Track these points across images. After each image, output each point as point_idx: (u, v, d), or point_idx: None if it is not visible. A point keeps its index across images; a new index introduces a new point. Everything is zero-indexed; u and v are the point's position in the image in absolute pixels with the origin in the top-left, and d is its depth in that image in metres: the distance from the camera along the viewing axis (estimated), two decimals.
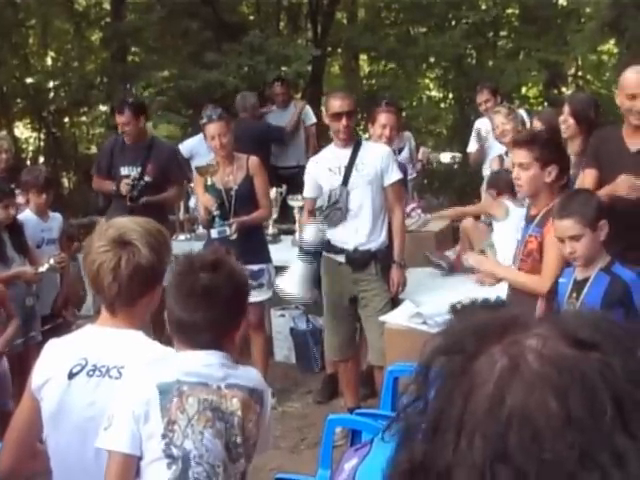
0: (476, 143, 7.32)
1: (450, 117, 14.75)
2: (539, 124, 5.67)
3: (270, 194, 6.11)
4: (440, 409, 0.81)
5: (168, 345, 2.37)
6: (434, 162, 8.30)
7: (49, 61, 14.12)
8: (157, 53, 12.90)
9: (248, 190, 5.49)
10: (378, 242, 5.04)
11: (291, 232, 6.95)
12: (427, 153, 8.14)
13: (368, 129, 6.34)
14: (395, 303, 5.05)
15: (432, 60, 13.91)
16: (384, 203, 5.05)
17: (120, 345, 2.35)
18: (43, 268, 5.12)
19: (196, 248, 3.04)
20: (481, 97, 7.63)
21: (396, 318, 4.81)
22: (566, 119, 5.10)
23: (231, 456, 2.23)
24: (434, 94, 15.46)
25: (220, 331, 2.27)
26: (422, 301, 4.97)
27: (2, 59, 12.24)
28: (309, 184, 5.20)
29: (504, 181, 5.35)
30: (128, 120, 6.23)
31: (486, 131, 7.09)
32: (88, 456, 2.24)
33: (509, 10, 14.14)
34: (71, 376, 2.33)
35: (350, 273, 5.05)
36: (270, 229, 6.77)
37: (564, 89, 14.28)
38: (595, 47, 12.96)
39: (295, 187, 6.65)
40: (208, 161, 5.63)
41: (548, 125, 5.37)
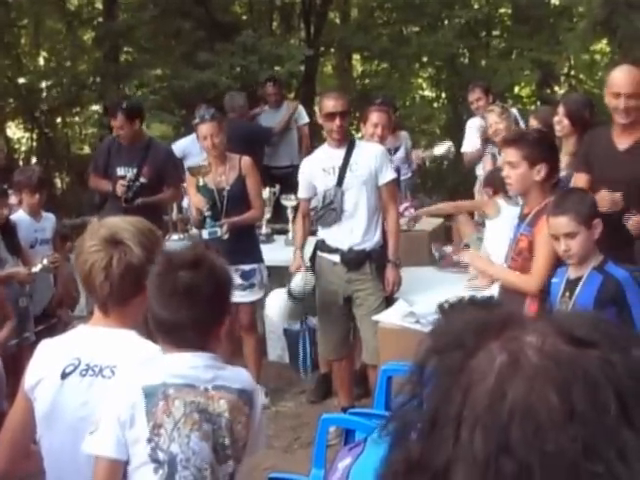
0: (478, 141, 7.28)
1: (443, 116, 14.77)
2: (535, 122, 5.68)
3: (263, 194, 6.10)
4: (437, 406, 0.81)
5: None
6: (427, 161, 8.26)
7: (41, 61, 14.06)
8: (150, 53, 12.87)
9: (240, 190, 5.49)
10: (373, 242, 5.04)
11: (284, 232, 6.95)
12: (420, 156, 8.09)
13: (360, 129, 6.34)
14: (390, 302, 5.05)
15: (425, 60, 13.95)
16: (378, 203, 5.05)
17: (113, 345, 2.35)
18: (36, 268, 5.10)
19: None
20: (473, 96, 7.63)
21: (389, 317, 4.82)
22: (561, 120, 5.11)
23: (219, 458, 2.21)
24: (427, 93, 15.48)
25: (204, 329, 2.24)
26: (415, 300, 4.97)
27: None
28: (303, 184, 5.20)
29: (500, 180, 5.35)
30: (121, 124, 6.26)
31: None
32: (81, 456, 2.23)
33: (502, 10, 14.17)
34: (64, 376, 2.33)
35: (345, 273, 5.05)
36: (263, 229, 6.76)
37: (557, 88, 14.31)
38: (587, 46, 12.97)
39: (288, 187, 6.64)
40: (200, 161, 5.63)
41: (545, 124, 5.38)
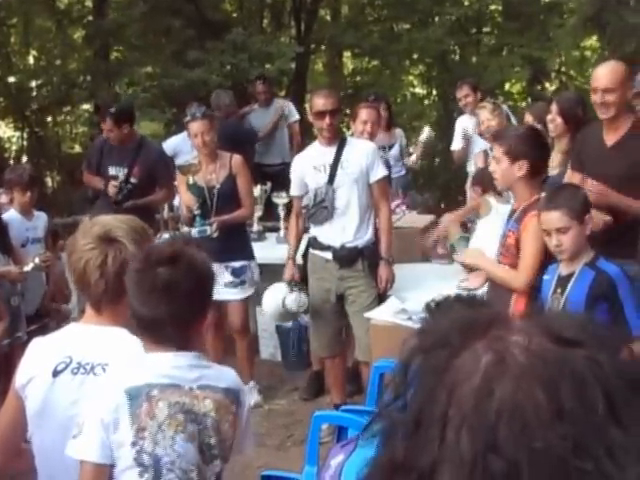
0: (461, 140, 7.32)
1: (434, 114, 14.77)
2: (530, 118, 5.68)
3: (254, 192, 6.10)
4: (422, 406, 0.81)
5: None
6: (419, 162, 8.20)
7: (31, 60, 14.01)
8: (140, 51, 12.83)
9: (231, 189, 5.48)
10: (365, 239, 5.04)
11: (276, 229, 6.94)
12: (413, 160, 7.97)
13: (350, 126, 6.34)
14: (382, 299, 5.05)
15: (415, 56, 13.94)
16: (370, 200, 5.05)
17: (104, 343, 2.34)
18: (28, 267, 5.09)
19: None
20: (460, 92, 7.64)
21: (381, 314, 4.81)
22: (554, 118, 5.11)
23: (205, 458, 2.20)
24: (418, 91, 15.48)
25: (183, 325, 2.21)
26: (407, 297, 4.97)
27: None
28: (295, 182, 5.20)
29: (489, 178, 5.35)
30: (110, 128, 6.33)
31: (471, 129, 7.10)
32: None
33: (492, 6, 14.17)
34: (56, 374, 2.32)
35: (337, 270, 5.05)
36: (255, 226, 6.75)
37: (548, 85, 14.34)
38: (578, 42, 13.02)
39: (280, 184, 6.64)
40: (191, 159, 5.63)
41: (539, 120, 5.38)
